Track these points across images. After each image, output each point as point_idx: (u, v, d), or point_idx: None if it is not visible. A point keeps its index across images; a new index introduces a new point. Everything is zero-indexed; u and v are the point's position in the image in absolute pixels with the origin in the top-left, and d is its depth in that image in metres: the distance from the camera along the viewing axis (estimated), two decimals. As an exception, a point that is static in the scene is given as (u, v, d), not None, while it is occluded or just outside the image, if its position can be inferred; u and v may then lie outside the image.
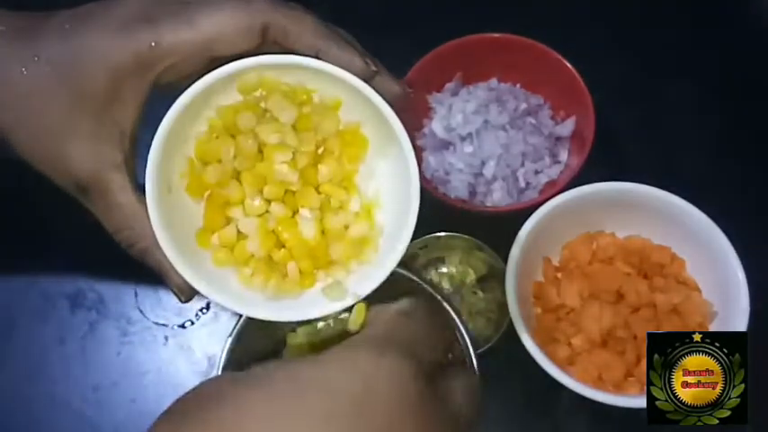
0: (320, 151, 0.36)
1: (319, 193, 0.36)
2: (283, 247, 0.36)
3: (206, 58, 0.35)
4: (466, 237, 0.52)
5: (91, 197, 0.36)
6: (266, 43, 0.35)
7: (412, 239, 0.34)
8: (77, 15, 0.35)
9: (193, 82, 0.33)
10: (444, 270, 0.55)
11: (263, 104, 0.35)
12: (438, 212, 0.57)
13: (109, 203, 0.36)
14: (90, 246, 0.42)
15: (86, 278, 0.57)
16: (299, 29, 0.35)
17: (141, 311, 0.57)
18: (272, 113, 0.35)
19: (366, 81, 0.34)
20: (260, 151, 0.35)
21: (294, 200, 0.36)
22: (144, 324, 0.57)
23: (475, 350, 0.42)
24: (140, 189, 0.35)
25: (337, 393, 0.25)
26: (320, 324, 0.49)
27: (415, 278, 0.45)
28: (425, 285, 0.44)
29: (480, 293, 0.54)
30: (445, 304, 0.44)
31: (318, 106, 0.36)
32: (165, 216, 0.34)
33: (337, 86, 0.35)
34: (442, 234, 0.52)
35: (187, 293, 0.36)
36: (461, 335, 0.43)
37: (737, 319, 0.44)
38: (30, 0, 0.38)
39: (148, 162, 0.33)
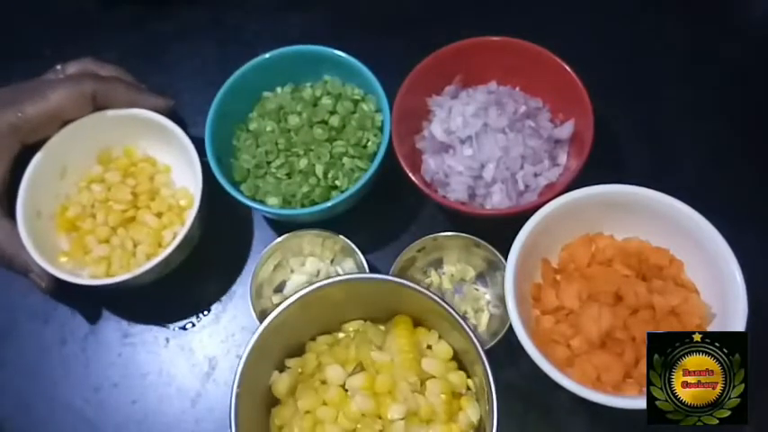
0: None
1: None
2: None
3: (58, 122, 0.54)
4: (462, 235, 0.52)
5: None
6: (97, 106, 0.55)
7: (411, 242, 0.34)
8: None
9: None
10: (444, 270, 0.55)
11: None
12: (437, 215, 0.58)
13: None
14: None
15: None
16: (115, 92, 0.55)
17: (142, 313, 0.57)
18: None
19: (164, 113, 0.56)
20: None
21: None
22: (145, 325, 0.57)
23: (483, 347, 0.42)
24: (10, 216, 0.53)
25: None
26: (340, 335, 0.50)
27: (416, 287, 0.45)
28: (428, 293, 0.45)
29: (482, 289, 0.54)
30: (450, 309, 0.44)
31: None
32: (31, 229, 0.52)
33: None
34: (439, 235, 0.52)
35: (46, 279, 0.52)
36: (468, 336, 0.43)
37: (736, 320, 0.44)
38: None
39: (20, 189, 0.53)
